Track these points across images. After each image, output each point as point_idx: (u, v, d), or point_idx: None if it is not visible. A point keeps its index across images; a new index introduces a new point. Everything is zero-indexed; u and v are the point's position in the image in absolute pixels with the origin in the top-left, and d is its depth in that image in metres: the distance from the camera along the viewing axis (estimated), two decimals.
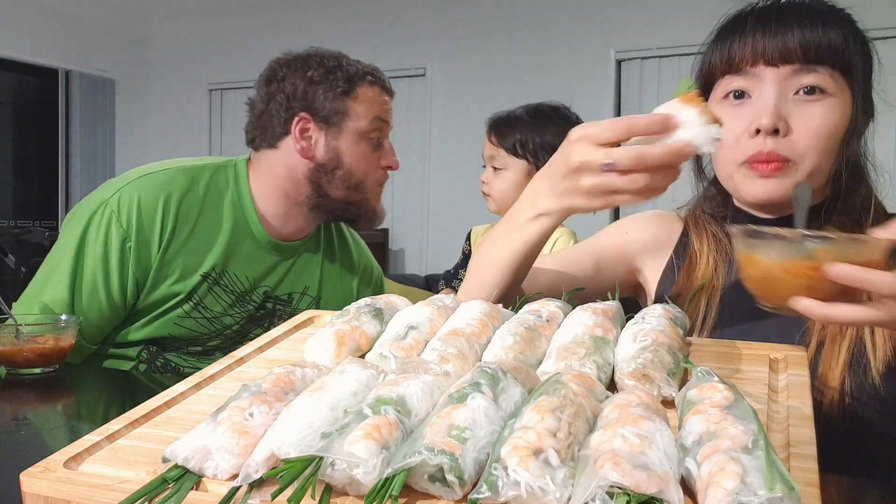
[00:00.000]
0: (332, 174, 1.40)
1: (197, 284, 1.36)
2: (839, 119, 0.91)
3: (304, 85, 1.39)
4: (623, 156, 0.75)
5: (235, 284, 1.41)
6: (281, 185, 1.42)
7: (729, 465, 0.46)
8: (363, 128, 1.40)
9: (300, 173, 1.41)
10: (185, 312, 1.37)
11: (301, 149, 1.39)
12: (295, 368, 0.65)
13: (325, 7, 5.49)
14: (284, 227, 1.46)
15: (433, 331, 0.76)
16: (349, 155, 1.40)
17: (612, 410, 0.54)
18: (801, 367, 0.70)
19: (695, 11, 0.95)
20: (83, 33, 6.00)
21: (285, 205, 1.44)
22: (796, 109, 0.90)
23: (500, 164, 1.77)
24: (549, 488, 0.46)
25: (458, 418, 0.52)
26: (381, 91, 1.44)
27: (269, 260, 1.45)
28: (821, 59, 0.89)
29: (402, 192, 5.48)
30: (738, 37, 0.92)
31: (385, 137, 1.45)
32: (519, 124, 1.76)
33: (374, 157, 1.43)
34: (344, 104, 1.39)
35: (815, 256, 0.66)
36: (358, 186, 1.42)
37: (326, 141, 1.39)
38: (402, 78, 5.45)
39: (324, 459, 0.50)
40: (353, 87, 1.40)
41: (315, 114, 1.39)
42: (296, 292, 1.50)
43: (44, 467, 0.57)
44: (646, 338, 0.68)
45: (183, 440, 0.55)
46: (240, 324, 1.43)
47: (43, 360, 1.17)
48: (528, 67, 4.97)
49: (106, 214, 1.31)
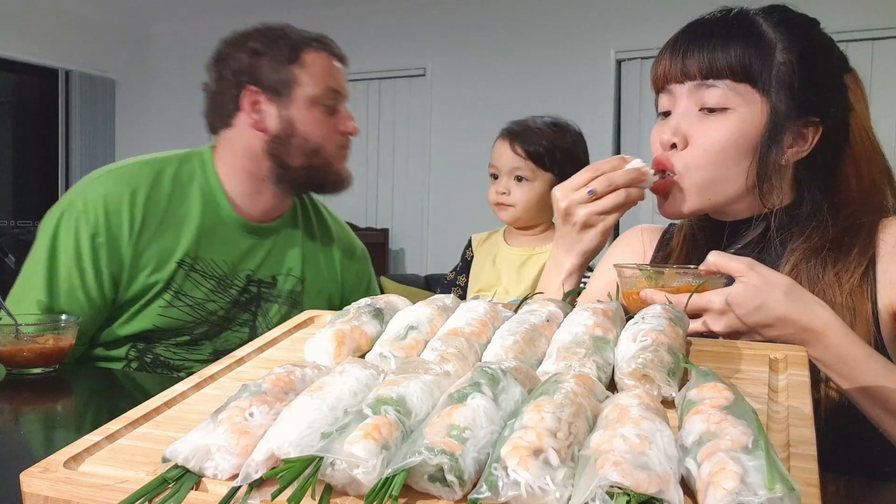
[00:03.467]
0: (289, 143, 1.40)
1: (173, 272, 1.36)
2: (738, 132, 0.94)
3: (249, 58, 1.39)
4: (597, 184, 0.97)
5: (213, 269, 1.41)
6: (243, 163, 1.43)
7: (729, 465, 0.46)
8: (313, 94, 1.40)
9: (258, 148, 1.41)
10: (167, 302, 1.37)
11: (254, 122, 1.39)
12: (295, 368, 0.65)
13: (325, 7, 5.48)
14: (255, 207, 1.45)
15: (433, 331, 0.76)
16: (302, 122, 1.40)
17: (612, 410, 0.54)
18: (801, 367, 0.70)
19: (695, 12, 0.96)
20: (83, 33, 5.99)
21: (251, 183, 1.44)
22: (698, 124, 0.96)
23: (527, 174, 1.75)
24: (549, 488, 0.46)
25: (458, 418, 0.52)
26: (328, 57, 1.44)
27: (246, 243, 1.45)
28: (718, 74, 0.93)
29: (402, 192, 5.48)
30: (659, 59, 1.01)
31: (340, 104, 1.45)
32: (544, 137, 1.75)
33: (330, 123, 1.43)
34: (290, 73, 1.39)
35: (638, 286, 0.88)
36: (316, 152, 1.42)
37: (278, 111, 1.39)
38: (402, 78, 5.45)
39: (324, 459, 0.50)
40: (298, 55, 1.40)
41: (263, 86, 1.39)
42: (279, 274, 1.50)
43: (44, 467, 0.57)
44: (646, 338, 0.68)
45: (183, 440, 0.55)
46: (224, 309, 1.43)
47: (43, 360, 1.17)
48: (528, 67, 4.97)
49: (73, 215, 1.32)
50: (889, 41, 4.15)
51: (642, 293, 0.86)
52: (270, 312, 1.48)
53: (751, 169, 0.95)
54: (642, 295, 0.86)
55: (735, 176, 0.96)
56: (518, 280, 1.77)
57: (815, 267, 0.94)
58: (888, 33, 4.11)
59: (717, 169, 0.95)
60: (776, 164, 0.95)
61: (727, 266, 0.82)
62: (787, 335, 0.81)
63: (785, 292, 0.80)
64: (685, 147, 0.97)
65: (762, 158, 0.95)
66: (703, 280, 0.84)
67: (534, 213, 1.78)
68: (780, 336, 0.81)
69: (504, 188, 1.79)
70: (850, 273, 0.93)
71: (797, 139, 0.96)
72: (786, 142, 0.95)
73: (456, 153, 5.14)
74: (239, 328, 1.45)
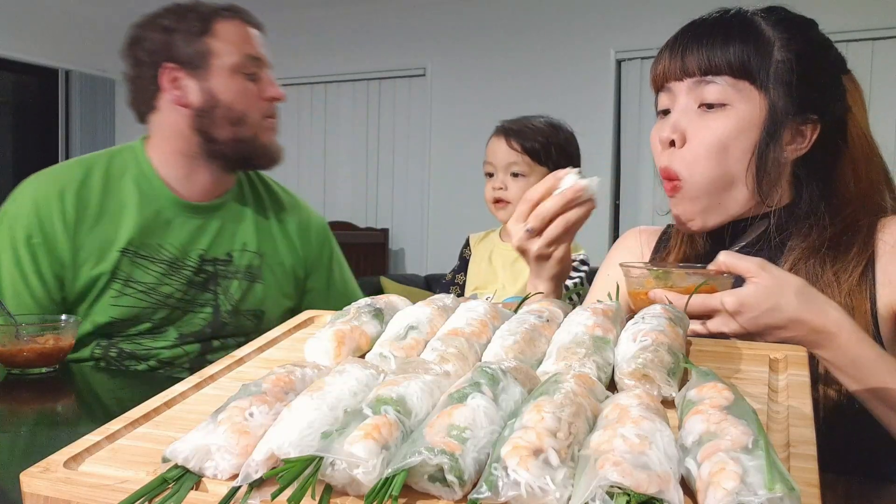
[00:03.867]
0: (213, 115, 1.40)
1: (117, 261, 1.37)
2: (736, 128, 0.94)
3: (162, 36, 1.40)
4: (532, 221, 0.96)
5: (161, 254, 1.41)
6: (172, 144, 1.43)
7: (729, 465, 0.46)
8: (232, 63, 1.40)
9: (184, 125, 1.41)
10: (118, 291, 1.38)
11: (176, 98, 1.40)
12: (295, 368, 0.65)
13: (325, 7, 5.48)
14: (195, 188, 1.46)
15: (433, 331, 0.76)
16: (224, 92, 1.40)
17: (612, 410, 0.54)
18: (801, 367, 0.70)
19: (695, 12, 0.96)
20: (83, 33, 5.99)
21: (185, 164, 1.44)
22: (696, 120, 0.96)
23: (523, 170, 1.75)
24: (549, 488, 0.46)
25: (458, 418, 0.52)
26: (241, 24, 1.44)
27: (193, 223, 1.45)
28: (717, 71, 0.94)
29: (402, 191, 5.48)
30: (658, 58, 1.01)
31: (261, 70, 1.45)
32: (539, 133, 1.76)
33: (253, 90, 1.43)
34: (205, 44, 1.39)
35: (645, 286, 0.87)
36: (242, 121, 1.42)
37: (198, 84, 1.40)
38: (402, 78, 5.44)
39: (324, 459, 0.50)
40: (210, 26, 1.40)
41: (180, 61, 1.39)
42: (234, 250, 1.50)
43: (44, 467, 0.57)
44: (646, 338, 0.68)
45: (183, 440, 0.55)
46: (181, 291, 1.43)
47: (43, 360, 1.17)
48: (528, 67, 4.97)
49: (7, 221, 1.34)
50: (889, 41, 4.15)
51: (651, 293, 0.85)
52: (231, 289, 1.48)
53: (750, 166, 0.95)
54: (651, 295, 0.84)
55: (737, 174, 0.96)
56: (514, 277, 1.77)
57: (814, 266, 0.94)
58: (888, 33, 4.11)
59: (718, 166, 0.95)
60: (775, 162, 0.95)
61: (738, 266, 0.81)
62: (799, 337, 0.80)
63: (797, 293, 0.79)
64: (683, 144, 0.96)
65: (761, 155, 0.95)
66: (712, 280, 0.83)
67: None
68: (791, 338, 0.80)
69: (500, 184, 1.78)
70: (849, 273, 0.93)
71: (795, 136, 0.97)
72: (784, 139, 0.96)
73: (456, 153, 5.14)
74: (201, 309, 1.45)
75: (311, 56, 5.54)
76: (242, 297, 1.48)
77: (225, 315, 1.46)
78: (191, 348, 1.44)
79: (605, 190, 4.60)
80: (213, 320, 1.45)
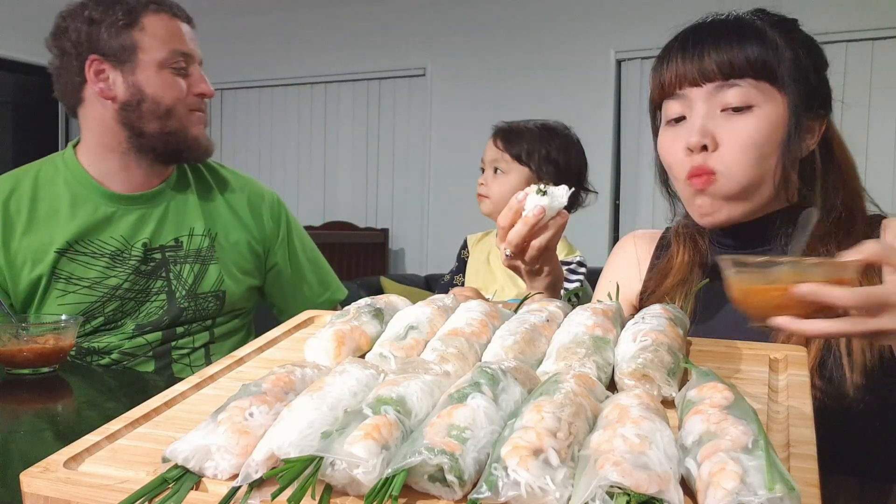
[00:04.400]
0: (139, 108, 1.39)
1: (54, 261, 1.37)
2: (767, 128, 0.94)
3: (87, 27, 1.38)
4: (506, 247, 0.99)
5: (103, 248, 1.41)
6: (99, 139, 1.43)
7: (729, 465, 0.46)
8: (160, 58, 1.39)
9: (110, 119, 1.41)
10: (62, 290, 1.38)
11: (100, 90, 1.39)
12: (295, 368, 0.65)
13: (325, 7, 5.48)
14: (129, 181, 1.46)
15: (433, 331, 0.76)
16: (151, 86, 1.39)
17: (612, 410, 0.54)
18: (801, 367, 0.70)
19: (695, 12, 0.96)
20: None
21: (115, 160, 1.44)
22: (724, 124, 0.94)
23: (503, 167, 1.79)
24: (549, 488, 0.46)
25: (458, 418, 0.52)
26: (170, 17, 1.42)
27: (133, 214, 1.45)
28: (741, 73, 0.93)
29: (402, 192, 5.48)
30: (665, 64, 0.99)
31: (190, 66, 1.44)
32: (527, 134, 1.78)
33: (181, 85, 1.42)
34: (131, 38, 1.38)
35: (782, 279, 0.73)
36: (169, 114, 1.41)
37: (124, 78, 1.38)
38: (402, 78, 5.44)
39: (324, 459, 0.50)
40: (137, 19, 1.38)
41: (104, 53, 1.38)
42: (182, 235, 1.49)
43: (44, 467, 0.57)
44: (646, 338, 0.68)
45: (183, 440, 0.55)
46: (128, 281, 1.42)
47: (43, 360, 1.17)
48: (528, 67, 4.96)
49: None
50: (889, 41, 4.14)
51: (798, 289, 0.70)
52: (183, 273, 1.47)
53: (777, 164, 0.95)
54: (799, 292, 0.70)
55: (767, 172, 0.95)
56: (512, 278, 1.77)
57: (821, 254, 0.95)
58: (888, 33, 4.11)
59: (754, 166, 0.94)
60: (796, 158, 0.96)
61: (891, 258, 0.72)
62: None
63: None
64: (716, 148, 0.95)
65: (787, 152, 0.95)
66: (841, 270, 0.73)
67: None
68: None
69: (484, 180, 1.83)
70: None
71: (808, 132, 0.98)
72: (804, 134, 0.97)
73: (456, 153, 5.13)
74: (156, 297, 1.45)
75: (311, 56, 5.54)
76: (196, 280, 1.48)
77: (181, 300, 1.46)
78: (152, 337, 1.44)
79: (604, 190, 4.60)
80: (168, 307, 1.45)
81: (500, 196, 1.78)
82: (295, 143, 5.66)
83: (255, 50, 5.44)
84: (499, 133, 1.82)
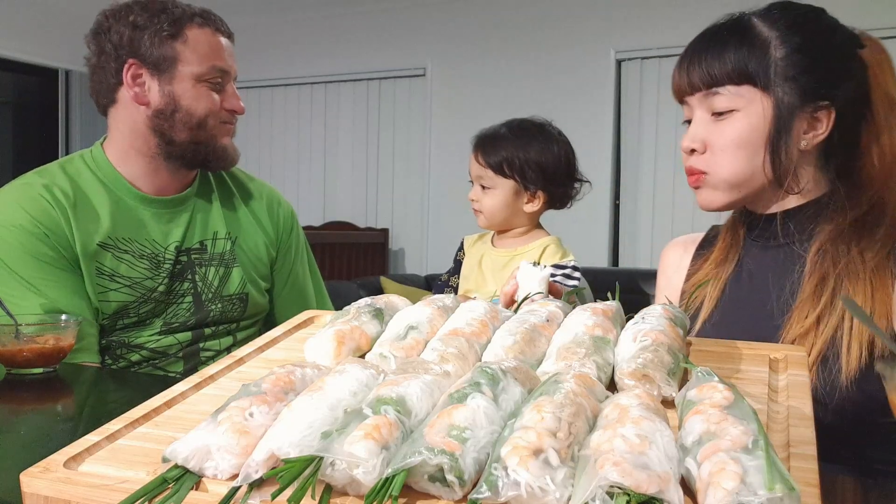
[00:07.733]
0: (172, 118, 1.39)
1: (94, 254, 1.36)
2: (748, 129, 1.00)
3: (130, 31, 1.37)
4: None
5: (143, 249, 1.42)
6: (130, 142, 1.43)
7: (729, 465, 0.46)
8: (198, 72, 1.39)
9: (142, 124, 1.40)
10: (103, 287, 1.37)
11: (135, 95, 1.38)
12: (295, 368, 0.65)
13: (325, 7, 5.48)
14: (156, 185, 1.46)
15: (433, 331, 0.76)
16: (186, 98, 1.39)
17: (612, 410, 0.54)
18: (801, 367, 0.70)
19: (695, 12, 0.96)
20: (83, 33, 5.99)
21: (143, 163, 1.44)
22: (713, 128, 1.03)
23: (488, 183, 1.78)
24: (549, 488, 0.46)
25: (458, 418, 0.52)
26: (213, 32, 1.42)
27: (164, 217, 1.45)
28: (720, 82, 1.00)
29: (402, 192, 5.48)
30: (673, 75, 1.08)
31: (227, 83, 1.44)
32: (504, 143, 1.76)
33: (214, 99, 1.42)
34: (173, 49, 1.37)
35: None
36: (200, 125, 1.41)
37: (160, 86, 1.38)
38: (402, 78, 5.44)
39: (324, 459, 0.50)
40: (181, 30, 1.38)
41: (144, 60, 1.37)
42: (206, 239, 1.50)
43: (44, 467, 0.57)
44: (646, 338, 0.68)
45: (183, 440, 0.55)
46: (164, 284, 1.43)
47: (43, 360, 1.17)
48: (527, 67, 4.96)
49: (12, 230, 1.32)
50: (889, 41, 4.14)
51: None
52: (209, 276, 1.48)
53: (766, 160, 1.00)
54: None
55: (756, 168, 1.01)
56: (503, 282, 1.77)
57: (840, 245, 0.98)
58: (888, 33, 4.11)
59: (739, 165, 1.01)
60: (792, 152, 0.99)
61: None
62: None
63: None
64: (705, 151, 1.03)
65: (773, 149, 0.99)
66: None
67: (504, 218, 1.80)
68: None
69: (474, 195, 1.83)
70: (875, 251, 0.96)
71: (812, 125, 1.00)
72: (797, 130, 0.99)
73: (456, 153, 5.13)
74: (182, 299, 1.46)
75: (311, 56, 5.54)
76: (221, 283, 1.49)
77: (207, 303, 1.46)
78: (182, 336, 1.45)
79: (604, 190, 4.60)
80: (195, 309, 1.46)
81: (492, 211, 1.78)
82: (295, 143, 5.66)
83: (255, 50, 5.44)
84: (478, 145, 1.80)
